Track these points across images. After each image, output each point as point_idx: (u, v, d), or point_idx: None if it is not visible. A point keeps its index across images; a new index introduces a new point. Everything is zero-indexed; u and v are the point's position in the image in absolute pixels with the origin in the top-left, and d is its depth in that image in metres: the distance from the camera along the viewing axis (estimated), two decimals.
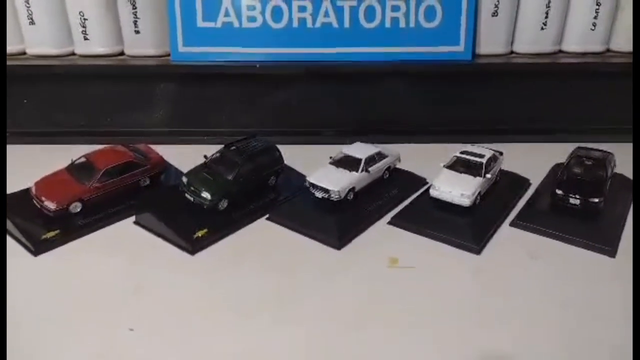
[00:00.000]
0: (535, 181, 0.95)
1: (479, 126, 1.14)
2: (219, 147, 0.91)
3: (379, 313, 0.65)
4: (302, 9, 1.09)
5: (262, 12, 1.09)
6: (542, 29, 1.14)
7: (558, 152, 1.00)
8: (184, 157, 0.98)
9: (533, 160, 1.01)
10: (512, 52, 1.18)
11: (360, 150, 0.89)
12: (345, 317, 0.65)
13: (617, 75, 1.12)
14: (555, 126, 1.14)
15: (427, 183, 0.94)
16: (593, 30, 1.15)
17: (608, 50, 1.17)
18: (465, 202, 0.80)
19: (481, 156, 0.86)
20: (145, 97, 1.14)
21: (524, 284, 0.70)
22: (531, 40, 1.15)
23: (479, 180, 0.82)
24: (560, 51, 1.18)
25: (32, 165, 0.92)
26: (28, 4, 1.11)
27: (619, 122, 1.09)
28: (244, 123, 1.13)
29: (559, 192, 0.82)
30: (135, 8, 1.10)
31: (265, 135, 0.95)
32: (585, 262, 0.74)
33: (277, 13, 1.09)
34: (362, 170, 0.85)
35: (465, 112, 1.14)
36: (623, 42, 1.15)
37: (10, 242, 0.78)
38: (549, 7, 1.12)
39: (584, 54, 1.16)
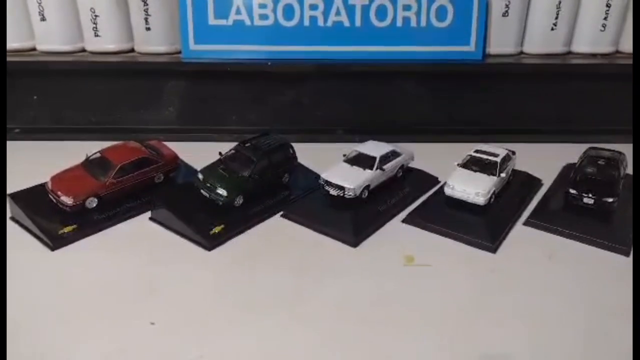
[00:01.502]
0: (547, 181, 0.96)
1: (488, 126, 1.15)
2: (230, 144, 0.91)
3: (395, 311, 0.65)
4: (313, 7, 1.09)
5: (274, 10, 1.09)
6: (552, 29, 1.15)
7: (568, 152, 1.00)
8: (194, 153, 0.98)
9: (544, 160, 1.01)
10: (522, 53, 1.18)
11: (374, 148, 0.89)
12: (361, 314, 0.65)
13: (626, 76, 1.11)
14: (565, 126, 1.15)
15: (440, 182, 0.94)
16: (603, 31, 1.15)
17: (618, 51, 1.18)
18: (480, 200, 0.80)
19: (495, 155, 0.86)
20: (156, 95, 1.14)
21: (539, 283, 0.70)
22: (541, 41, 1.16)
23: (493, 179, 0.83)
24: (570, 52, 1.19)
25: (44, 161, 0.92)
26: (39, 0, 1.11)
27: (629, 123, 1.09)
28: (255, 121, 1.14)
29: (572, 191, 0.83)
30: (147, 5, 1.11)
31: (276, 133, 0.95)
32: (600, 261, 0.75)
33: (288, 11, 1.09)
34: (376, 169, 0.85)
35: (475, 112, 1.15)
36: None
37: (27, 237, 0.78)
38: (559, 8, 1.13)
39: (593, 55, 1.17)
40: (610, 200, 0.80)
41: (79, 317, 0.64)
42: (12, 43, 1.15)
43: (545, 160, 1.01)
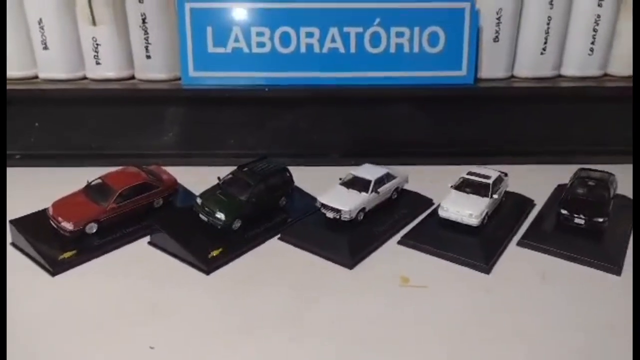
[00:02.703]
0: (539, 202, 0.98)
1: (481, 149, 1.17)
2: (228, 169, 0.92)
3: (392, 332, 0.66)
4: (309, 35, 1.12)
5: (271, 38, 1.12)
6: (541, 54, 1.18)
7: (559, 174, 1.02)
8: (193, 178, 1.00)
9: (535, 182, 1.03)
10: (512, 77, 1.21)
11: (369, 171, 0.91)
12: (358, 335, 0.66)
13: (615, 99, 1.15)
14: (556, 148, 1.17)
15: (434, 204, 0.96)
16: (591, 55, 1.18)
17: (606, 74, 1.21)
18: (474, 222, 0.82)
19: (487, 177, 0.88)
20: (156, 121, 1.16)
21: (533, 303, 0.71)
22: (531, 65, 1.19)
23: (486, 200, 0.85)
24: (560, 75, 1.21)
25: (44, 187, 0.94)
26: (42, 29, 1.14)
27: (618, 144, 1.12)
28: (253, 145, 1.16)
29: (563, 212, 0.84)
30: (147, 34, 1.14)
31: (273, 157, 0.96)
32: (592, 280, 0.76)
33: (285, 39, 1.12)
34: (372, 191, 0.87)
35: (468, 135, 1.17)
36: (620, 66, 1.19)
37: (27, 263, 0.79)
38: (547, 33, 1.16)
39: (582, 78, 1.20)
40: (601, 220, 0.82)
41: (79, 342, 0.64)
42: (15, 71, 1.18)
43: (537, 182, 1.03)
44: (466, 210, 0.82)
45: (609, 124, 1.15)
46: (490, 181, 0.87)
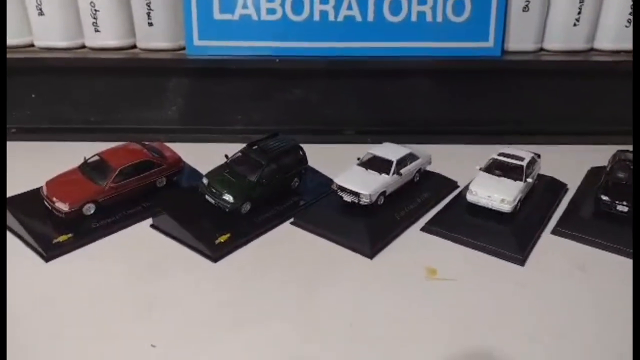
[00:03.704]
0: (572, 185, 0.91)
1: (507, 126, 1.10)
2: (235, 145, 0.87)
3: (417, 329, 0.61)
4: (324, 1, 1.05)
5: (282, 4, 1.05)
6: (574, 25, 1.10)
7: (591, 156, 0.96)
8: (199, 156, 0.94)
9: (567, 163, 0.96)
10: (542, 49, 1.13)
11: (390, 151, 0.84)
12: (379, 332, 0.60)
13: None
14: (588, 127, 1.10)
15: (459, 186, 0.90)
16: (628, 27, 1.10)
17: None
18: (506, 208, 0.75)
19: (521, 159, 0.81)
20: (158, 93, 1.10)
21: (572, 298, 0.65)
22: (563, 37, 1.11)
23: (519, 184, 0.78)
24: (593, 49, 1.13)
25: (41, 163, 0.89)
26: None
27: None
28: (262, 120, 1.10)
29: (604, 198, 0.77)
30: None
31: (283, 134, 0.90)
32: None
33: (297, 5, 1.05)
34: (393, 173, 0.80)
35: (494, 111, 1.10)
36: None
37: (20, 246, 0.74)
38: (582, 2, 1.08)
39: (617, 52, 1.12)
40: None
41: (73, 335, 0.59)
42: (9, 39, 1.11)
43: (568, 163, 0.96)
44: (498, 195, 0.76)
45: None
46: (524, 163, 0.80)
